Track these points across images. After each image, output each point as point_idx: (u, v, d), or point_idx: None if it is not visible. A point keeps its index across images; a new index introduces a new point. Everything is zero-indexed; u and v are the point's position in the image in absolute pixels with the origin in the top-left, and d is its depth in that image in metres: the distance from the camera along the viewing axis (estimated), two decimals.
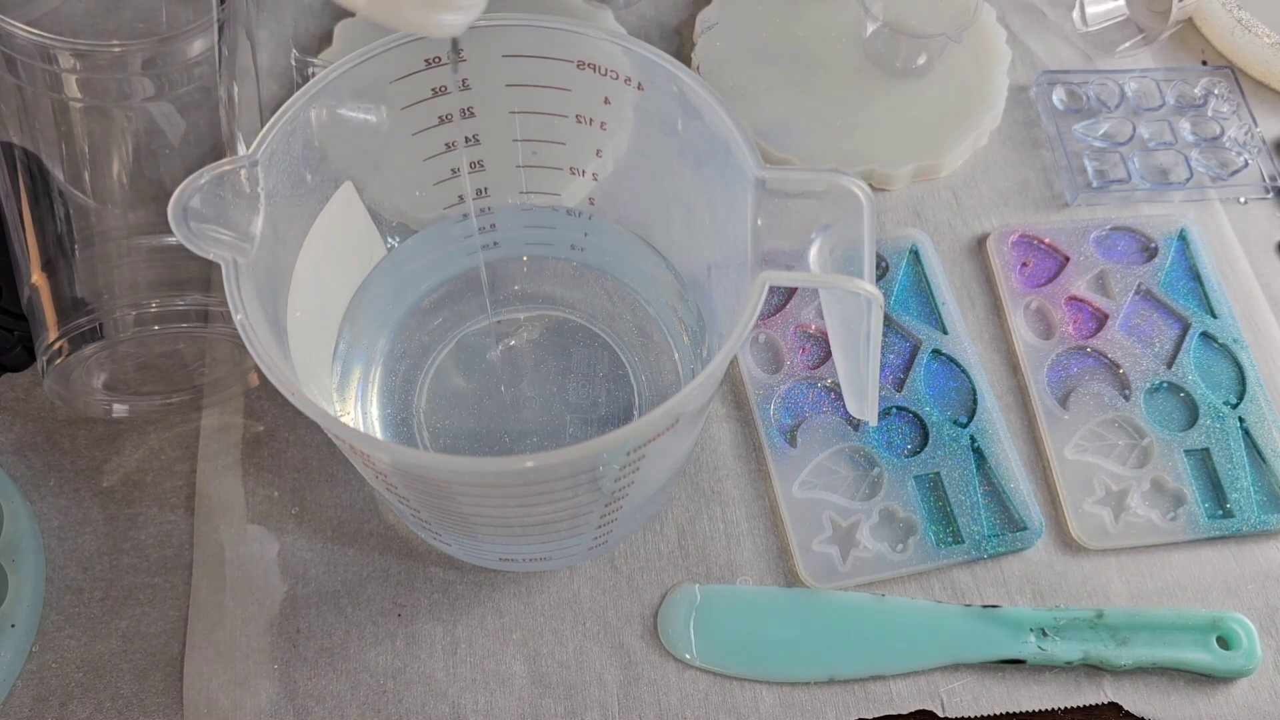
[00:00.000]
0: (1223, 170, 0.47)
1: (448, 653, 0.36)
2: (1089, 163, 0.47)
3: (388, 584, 0.37)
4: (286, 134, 0.29)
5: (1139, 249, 0.45)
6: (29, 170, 0.37)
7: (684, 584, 0.37)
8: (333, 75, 0.30)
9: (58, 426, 0.40)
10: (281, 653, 0.36)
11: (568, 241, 0.39)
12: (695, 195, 0.33)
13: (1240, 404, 0.42)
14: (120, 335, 0.35)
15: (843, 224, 0.28)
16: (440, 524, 0.33)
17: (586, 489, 0.30)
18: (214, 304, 0.35)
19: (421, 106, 0.32)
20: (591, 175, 0.36)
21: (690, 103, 0.30)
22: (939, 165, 0.46)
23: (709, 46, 0.48)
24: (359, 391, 0.37)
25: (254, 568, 0.37)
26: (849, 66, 0.48)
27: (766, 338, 0.42)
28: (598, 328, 0.39)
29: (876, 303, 0.28)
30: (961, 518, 0.39)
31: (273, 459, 0.39)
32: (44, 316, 0.35)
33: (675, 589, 0.37)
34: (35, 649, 0.36)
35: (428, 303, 0.39)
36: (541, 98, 0.33)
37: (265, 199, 0.28)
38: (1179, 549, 0.39)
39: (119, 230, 0.36)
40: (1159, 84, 0.49)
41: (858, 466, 0.40)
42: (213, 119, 0.38)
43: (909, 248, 0.44)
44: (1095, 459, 0.40)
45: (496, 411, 0.38)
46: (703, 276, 0.35)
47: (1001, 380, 0.42)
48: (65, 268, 0.36)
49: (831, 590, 0.37)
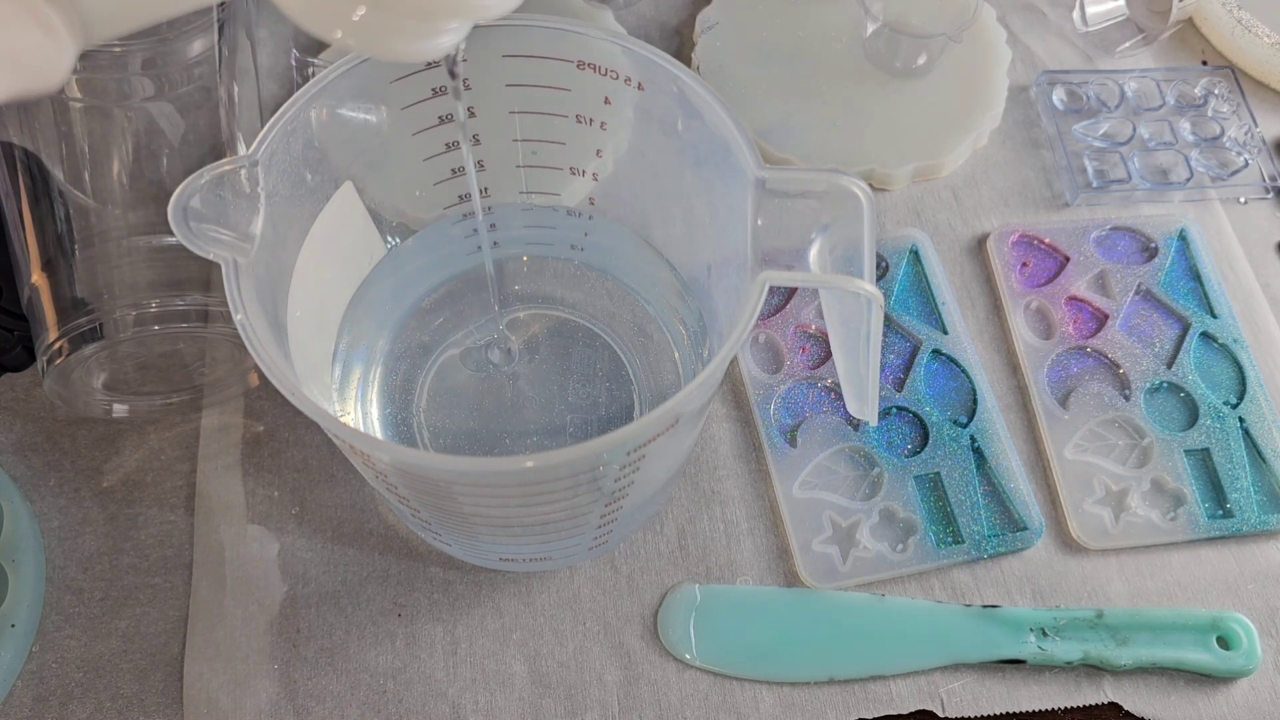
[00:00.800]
0: (1223, 170, 0.47)
1: (448, 653, 0.36)
2: (1089, 163, 0.47)
3: (388, 584, 0.37)
4: (286, 134, 0.29)
5: (1139, 249, 0.45)
6: (29, 170, 0.37)
7: (684, 584, 0.37)
8: (333, 75, 0.30)
9: (58, 426, 0.40)
10: (281, 652, 0.36)
11: (568, 241, 0.39)
12: (695, 195, 0.33)
13: (1240, 404, 0.42)
14: (120, 335, 0.35)
15: (843, 224, 0.28)
16: (440, 524, 0.33)
17: (586, 489, 0.30)
18: (214, 304, 0.35)
19: (422, 106, 0.32)
20: (591, 175, 0.36)
21: (690, 103, 0.30)
22: (939, 165, 0.46)
23: (709, 46, 0.48)
24: (359, 391, 0.37)
25: (254, 568, 0.37)
26: (849, 66, 0.48)
27: (766, 338, 0.42)
28: (598, 327, 0.39)
29: (876, 303, 0.28)
30: (961, 518, 0.39)
31: (273, 459, 0.39)
32: (44, 316, 0.35)
33: (675, 589, 0.37)
34: (35, 649, 0.36)
35: (428, 303, 0.39)
36: (542, 98, 0.33)
37: (265, 199, 0.28)
38: (1179, 549, 0.39)
39: (119, 230, 0.36)
40: (1159, 84, 0.49)
41: (858, 466, 0.40)
42: (213, 119, 0.38)
43: (909, 248, 0.44)
44: (1095, 459, 0.40)
45: (496, 411, 0.38)
46: (703, 276, 0.35)
47: (1001, 380, 0.42)
48: (65, 268, 0.36)
49: (832, 590, 0.37)
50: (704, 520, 0.39)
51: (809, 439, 0.40)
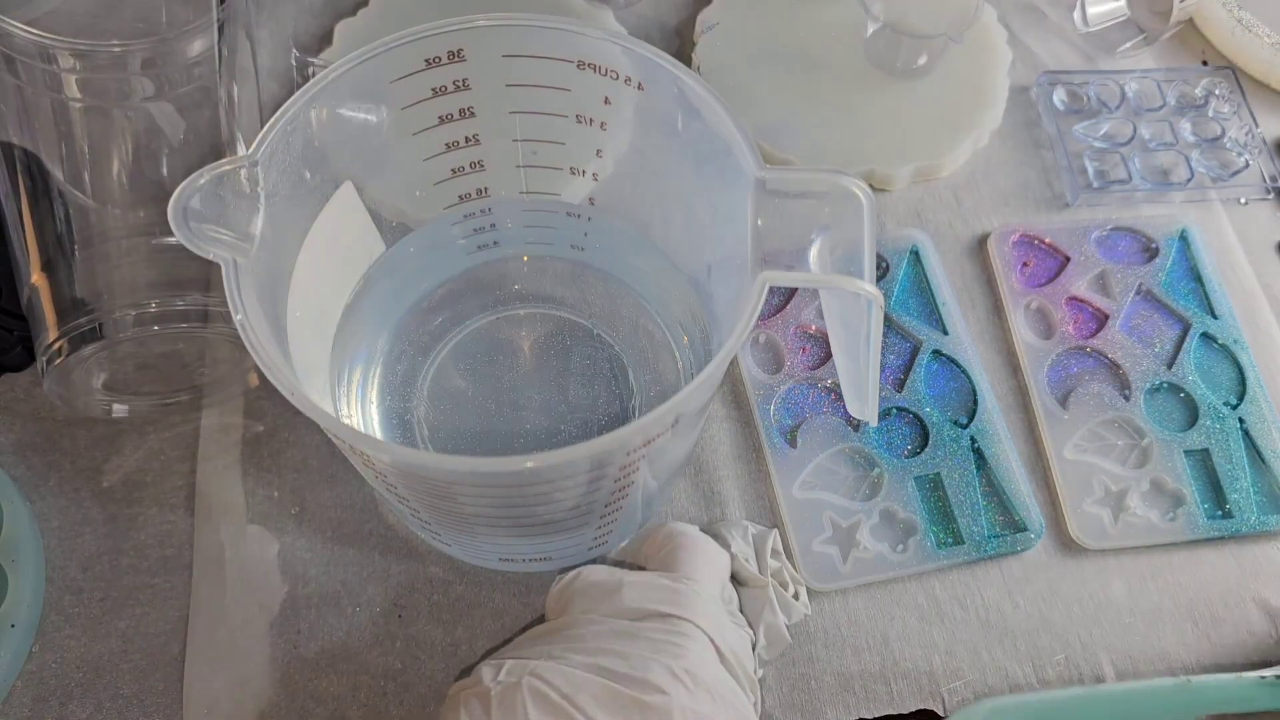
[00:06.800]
0: (1223, 171, 0.47)
1: (448, 654, 0.36)
2: (1090, 163, 0.47)
3: (388, 585, 0.37)
4: (286, 134, 0.29)
5: (1139, 249, 0.45)
6: (29, 170, 0.37)
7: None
8: (333, 75, 0.30)
9: (58, 426, 0.39)
10: (282, 654, 0.36)
11: (568, 241, 0.39)
12: (695, 195, 0.33)
13: (1240, 404, 0.42)
14: (120, 335, 0.34)
15: (843, 224, 0.28)
16: (440, 524, 0.33)
17: (586, 489, 0.29)
18: (214, 304, 0.35)
19: (421, 106, 0.32)
20: (592, 175, 0.36)
21: (690, 103, 0.30)
22: (939, 165, 0.46)
23: (709, 46, 0.48)
24: (359, 391, 0.37)
25: (254, 568, 0.37)
26: (850, 67, 0.48)
27: (767, 338, 0.42)
28: (598, 327, 0.39)
29: (877, 303, 0.28)
30: (961, 518, 0.39)
31: (273, 459, 0.39)
32: (44, 316, 0.35)
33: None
34: (35, 649, 0.36)
35: (427, 302, 0.39)
36: (542, 98, 0.33)
37: (265, 199, 0.28)
38: (1178, 549, 0.39)
39: (119, 230, 0.36)
40: (1160, 84, 0.49)
41: (858, 467, 0.40)
42: (213, 119, 0.38)
43: (909, 248, 0.44)
44: (1095, 459, 0.40)
45: (496, 411, 0.38)
46: (703, 276, 0.35)
47: (1002, 381, 0.42)
48: (65, 268, 0.35)
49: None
50: (704, 521, 0.39)
51: (809, 439, 0.40)
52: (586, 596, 0.32)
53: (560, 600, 0.33)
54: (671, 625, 0.30)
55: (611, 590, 0.31)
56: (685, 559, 0.33)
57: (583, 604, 0.32)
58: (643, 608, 0.31)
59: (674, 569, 0.33)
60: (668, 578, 0.32)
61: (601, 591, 0.32)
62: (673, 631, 0.30)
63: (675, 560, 0.33)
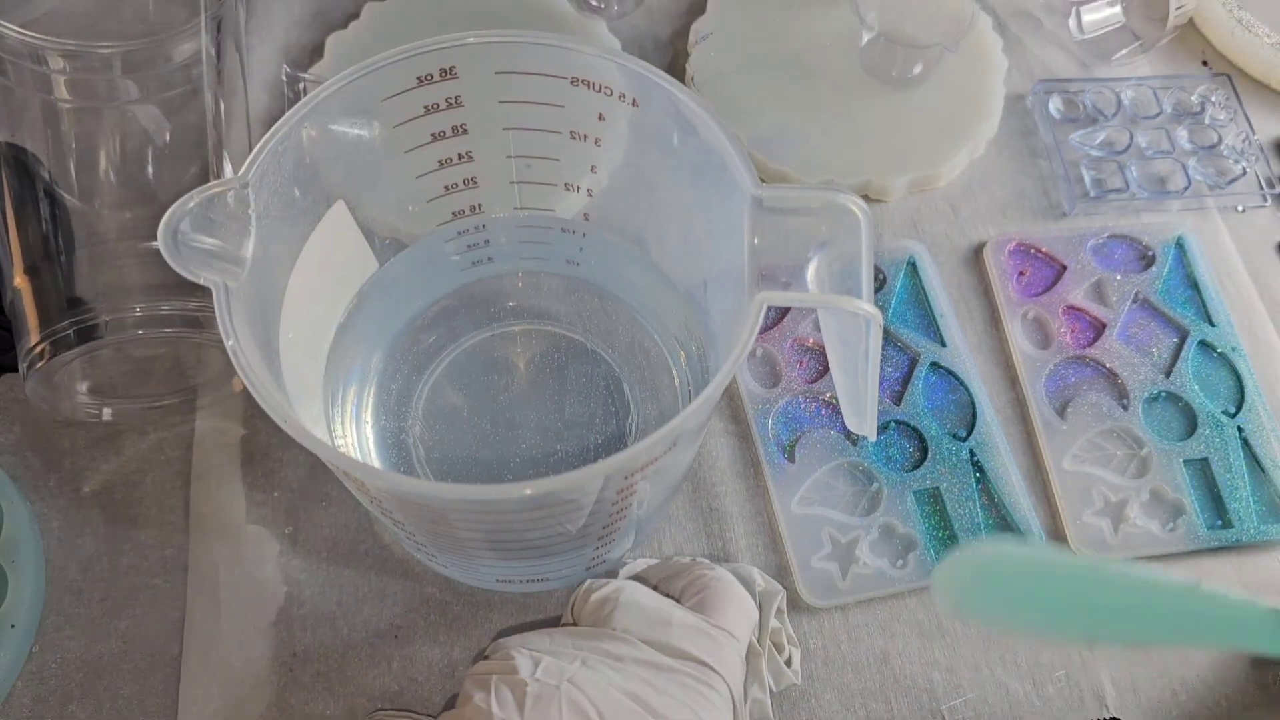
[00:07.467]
0: (1220, 178, 0.47)
1: (444, 675, 0.36)
2: (1086, 172, 0.47)
3: (384, 605, 0.37)
4: (277, 154, 0.29)
5: (1136, 257, 0.45)
6: (15, 172, 0.36)
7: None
8: (323, 94, 0.29)
9: (57, 427, 0.39)
10: (277, 676, 0.35)
11: (563, 257, 0.39)
12: (691, 211, 0.33)
13: (1239, 413, 0.41)
14: (103, 340, 0.34)
15: (840, 241, 0.28)
16: (436, 546, 0.33)
17: (584, 513, 0.29)
18: (200, 309, 0.35)
19: (413, 124, 0.32)
20: (586, 191, 0.35)
21: (686, 118, 0.30)
22: (936, 176, 0.46)
23: (703, 57, 0.48)
24: (353, 411, 0.37)
25: (249, 589, 0.37)
26: (844, 76, 0.47)
27: (764, 352, 0.42)
28: (594, 343, 0.39)
29: (875, 322, 0.28)
30: (961, 533, 0.38)
31: (267, 478, 0.39)
32: (26, 319, 0.35)
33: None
34: (35, 649, 0.36)
35: (421, 320, 0.39)
36: (535, 114, 0.33)
37: (256, 220, 0.28)
38: (1179, 560, 0.39)
39: (106, 233, 0.36)
40: (1156, 92, 0.49)
41: (857, 482, 0.40)
42: (201, 123, 0.38)
43: (906, 259, 0.44)
44: (1094, 469, 0.40)
45: (492, 429, 0.38)
46: (699, 292, 0.35)
47: (1000, 392, 0.42)
48: (49, 271, 0.35)
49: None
50: (702, 538, 0.38)
51: (807, 454, 0.40)
52: (629, 616, 0.32)
53: (598, 609, 0.33)
54: (704, 674, 0.31)
55: (660, 622, 0.32)
56: (721, 607, 0.33)
57: (624, 622, 0.32)
58: (685, 650, 0.31)
59: (711, 613, 0.33)
60: (710, 624, 0.33)
61: (648, 619, 0.32)
62: (703, 681, 0.31)
63: (713, 606, 0.33)
